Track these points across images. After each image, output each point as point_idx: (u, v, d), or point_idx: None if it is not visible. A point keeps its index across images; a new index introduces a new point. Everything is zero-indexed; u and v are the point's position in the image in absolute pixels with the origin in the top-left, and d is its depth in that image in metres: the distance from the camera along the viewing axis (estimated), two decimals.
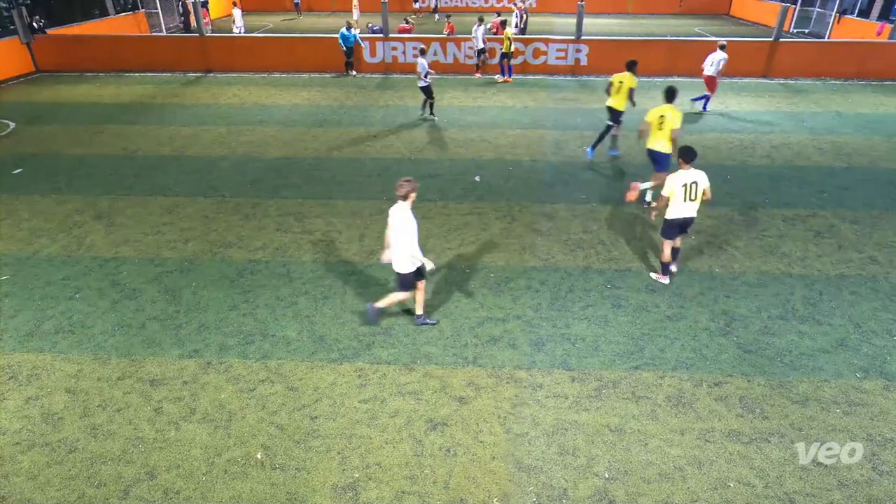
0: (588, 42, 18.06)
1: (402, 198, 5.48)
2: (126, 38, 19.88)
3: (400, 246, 5.58)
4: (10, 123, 13.36)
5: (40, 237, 8.19)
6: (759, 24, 29.46)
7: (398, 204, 5.54)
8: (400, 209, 5.51)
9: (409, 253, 5.59)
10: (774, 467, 4.59)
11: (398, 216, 5.50)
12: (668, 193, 6.53)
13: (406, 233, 5.48)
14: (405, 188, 5.45)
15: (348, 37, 17.31)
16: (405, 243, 5.54)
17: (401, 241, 5.54)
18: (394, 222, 5.55)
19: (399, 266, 5.71)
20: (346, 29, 17.29)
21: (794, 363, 5.73)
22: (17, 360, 5.77)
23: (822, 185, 9.95)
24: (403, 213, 5.47)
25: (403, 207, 5.49)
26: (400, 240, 5.54)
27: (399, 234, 5.52)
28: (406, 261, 5.65)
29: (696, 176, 6.47)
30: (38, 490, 4.40)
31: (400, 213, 5.49)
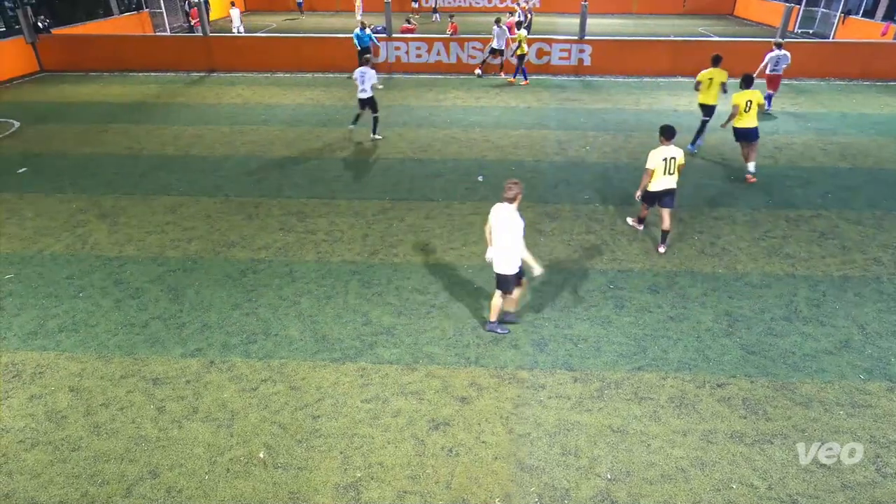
0: (591, 42, 18.03)
1: (510, 200, 5.46)
2: (130, 38, 19.96)
3: (505, 247, 5.55)
4: (14, 123, 13.42)
5: (44, 236, 8.23)
6: (763, 24, 29.37)
7: (504, 205, 5.50)
8: (506, 210, 5.48)
9: (517, 255, 5.59)
10: (777, 469, 4.58)
11: (504, 217, 5.47)
12: (653, 167, 7.24)
13: (515, 234, 5.48)
14: (514, 190, 5.44)
15: (363, 37, 17.29)
16: (512, 245, 5.52)
17: (507, 243, 5.52)
18: (499, 223, 5.52)
19: (502, 267, 5.66)
20: (360, 29, 17.28)
21: (797, 364, 5.71)
22: (21, 359, 5.80)
23: (826, 185, 9.91)
24: (511, 215, 5.45)
25: (510, 209, 5.47)
26: (506, 241, 5.51)
27: (506, 235, 5.49)
28: (511, 262, 5.61)
29: (675, 152, 7.25)
30: (41, 488, 4.42)
31: (506, 214, 5.47)
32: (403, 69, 18.48)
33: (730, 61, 17.88)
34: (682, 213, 8.86)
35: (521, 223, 5.47)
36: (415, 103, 15.04)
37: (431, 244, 7.98)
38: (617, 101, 15.25)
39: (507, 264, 5.61)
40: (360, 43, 17.42)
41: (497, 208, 5.57)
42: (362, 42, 17.42)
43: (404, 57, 18.39)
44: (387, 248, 7.89)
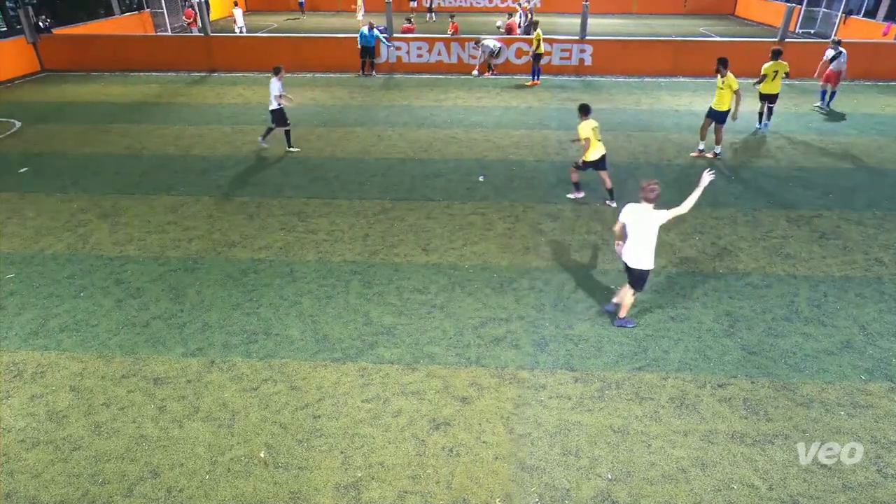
0: (592, 42, 18.03)
1: (652, 200, 5.58)
2: (131, 38, 19.97)
3: (647, 245, 5.69)
4: (15, 122, 13.44)
5: (45, 236, 8.24)
6: (764, 24, 29.36)
7: (643, 205, 5.63)
8: (646, 210, 5.62)
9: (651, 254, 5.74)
10: (778, 469, 4.58)
11: (645, 217, 5.61)
12: (588, 135, 8.48)
13: (655, 234, 5.65)
14: (657, 191, 5.57)
15: (368, 37, 17.28)
16: (652, 244, 5.69)
17: (649, 241, 5.67)
18: (639, 222, 5.64)
19: (642, 264, 5.76)
20: (368, 29, 17.26)
21: (798, 365, 5.71)
22: (21, 358, 5.80)
23: (827, 186, 9.90)
24: (653, 214, 5.59)
25: (649, 209, 5.61)
26: (648, 240, 5.66)
27: (648, 233, 5.64)
28: (650, 260, 5.76)
29: (595, 122, 8.63)
30: (42, 487, 4.43)
31: (646, 215, 5.61)
32: (404, 69, 18.48)
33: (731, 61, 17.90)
34: (683, 213, 8.84)
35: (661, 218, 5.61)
36: (416, 103, 15.04)
37: (432, 244, 7.98)
38: (618, 101, 15.25)
39: (647, 261, 5.76)
40: (364, 42, 17.42)
41: (634, 208, 5.71)
42: (367, 41, 17.41)
43: (405, 57, 18.39)
44: (387, 247, 7.89)
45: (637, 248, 5.74)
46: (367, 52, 17.59)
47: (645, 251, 5.72)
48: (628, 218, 5.77)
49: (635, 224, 5.71)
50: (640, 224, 5.66)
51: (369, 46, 17.49)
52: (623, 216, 5.83)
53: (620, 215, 5.86)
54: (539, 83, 16.93)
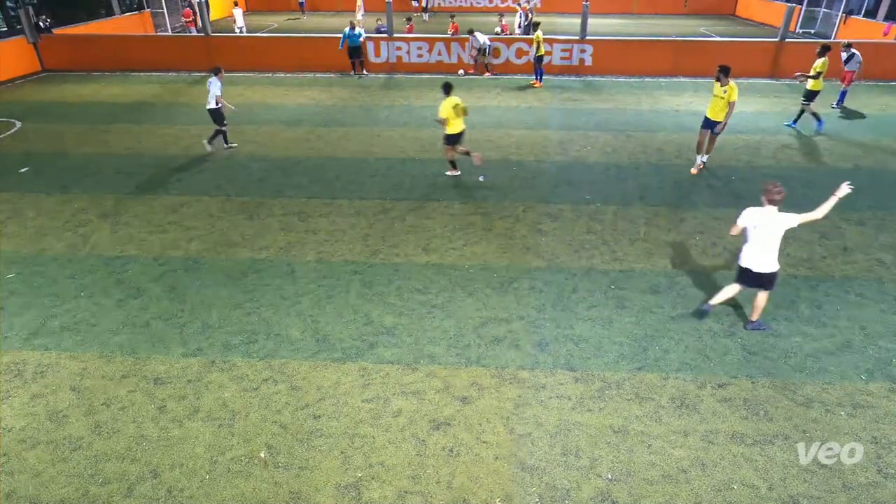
0: (592, 42, 18.03)
1: (777, 203, 5.61)
2: (132, 38, 19.97)
3: (774, 248, 5.71)
4: (16, 122, 13.44)
5: (46, 236, 8.24)
6: (765, 24, 29.35)
7: (768, 208, 5.65)
8: (771, 214, 5.64)
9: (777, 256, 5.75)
10: (778, 469, 4.57)
11: (771, 220, 5.62)
12: (448, 113, 9.31)
13: (780, 238, 5.69)
14: (783, 193, 5.61)
15: (352, 36, 17.30)
16: (777, 247, 5.72)
17: (774, 245, 5.70)
18: (766, 226, 5.64)
19: (770, 266, 5.78)
20: (350, 29, 17.29)
21: (798, 365, 5.70)
22: (22, 358, 5.80)
23: (828, 186, 9.85)
24: (777, 218, 5.62)
25: (774, 212, 5.64)
26: (774, 244, 5.69)
27: (774, 238, 5.66)
28: (776, 262, 5.78)
29: (457, 100, 9.41)
30: (42, 487, 4.43)
31: (772, 218, 5.63)
32: (405, 69, 18.48)
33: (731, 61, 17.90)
34: (683, 214, 8.86)
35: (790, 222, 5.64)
36: (416, 103, 15.04)
37: (432, 244, 7.98)
38: (618, 102, 15.24)
39: (774, 264, 5.78)
40: (350, 42, 17.40)
41: (757, 212, 5.70)
42: (352, 41, 17.40)
43: (405, 57, 18.39)
44: (388, 247, 7.89)
45: (763, 253, 5.72)
46: (355, 52, 17.58)
47: (771, 255, 5.73)
48: (751, 222, 5.72)
49: (761, 228, 5.66)
50: (767, 228, 5.64)
51: (355, 46, 17.50)
52: (744, 220, 5.78)
53: (740, 219, 5.82)
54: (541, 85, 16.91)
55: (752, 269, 5.83)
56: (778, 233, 5.65)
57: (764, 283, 5.91)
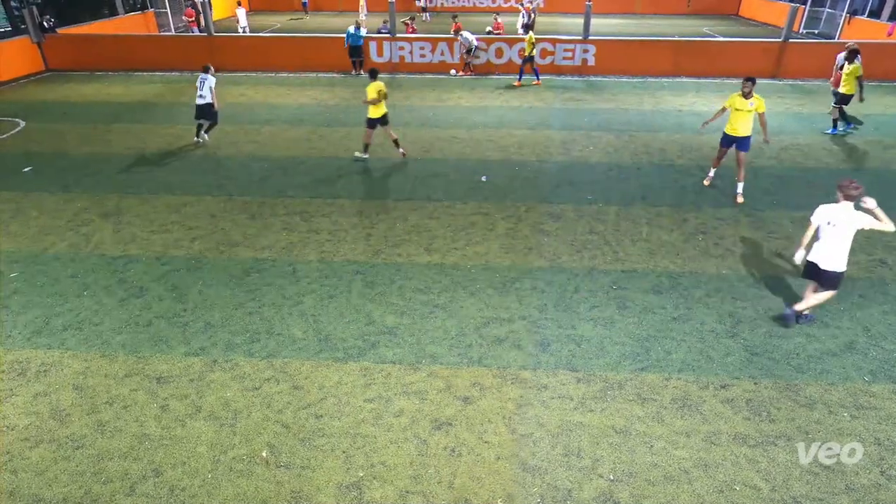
0: (595, 42, 18.02)
1: (854, 198, 5.58)
2: (135, 38, 20.02)
3: (843, 247, 5.69)
4: (20, 121, 13.48)
5: (49, 235, 8.26)
6: (769, 24, 29.29)
7: (843, 204, 5.64)
8: (846, 210, 5.62)
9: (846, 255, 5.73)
10: (781, 470, 4.56)
11: (846, 217, 5.60)
12: (374, 96, 10.22)
13: (852, 236, 5.66)
14: (861, 189, 5.59)
15: (356, 36, 17.30)
16: (848, 245, 5.69)
17: (845, 243, 5.67)
18: (839, 223, 5.62)
19: (839, 265, 5.75)
20: (356, 28, 17.28)
21: (801, 366, 5.69)
22: (25, 357, 5.82)
23: (830, 186, 9.78)
24: (854, 216, 5.59)
25: (850, 209, 5.62)
26: (845, 242, 5.67)
27: (846, 235, 5.64)
28: (845, 261, 5.75)
29: (382, 86, 10.31)
30: (45, 486, 4.44)
31: (847, 215, 5.60)
32: (407, 69, 18.48)
33: (734, 62, 17.88)
34: (686, 214, 8.85)
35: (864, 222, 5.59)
36: (418, 103, 15.04)
37: (434, 244, 7.98)
38: (620, 102, 15.23)
39: (842, 263, 5.75)
40: (352, 42, 17.36)
41: (831, 209, 5.69)
42: (354, 41, 17.36)
43: (408, 57, 18.40)
44: (390, 247, 7.90)
45: (833, 250, 5.71)
46: (356, 51, 17.55)
47: (841, 253, 5.70)
48: (825, 219, 5.71)
49: (834, 225, 5.65)
50: (840, 225, 5.62)
51: (357, 46, 17.47)
52: (818, 218, 5.77)
53: (814, 217, 5.81)
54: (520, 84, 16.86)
55: (819, 264, 5.82)
56: (850, 231, 5.62)
57: (825, 281, 5.89)
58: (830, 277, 5.84)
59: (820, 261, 5.82)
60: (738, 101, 8.86)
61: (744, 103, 8.84)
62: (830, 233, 5.72)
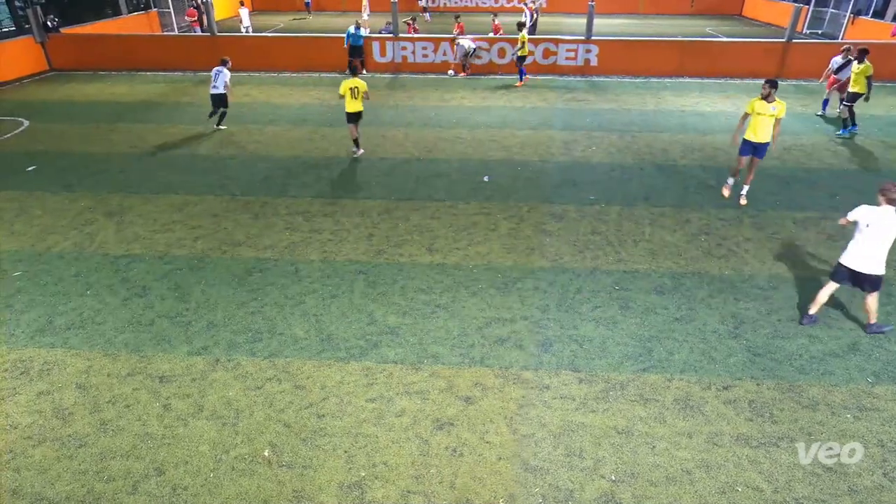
0: (598, 42, 18.00)
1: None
2: (138, 38, 20.07)
3: (884, 250, 5.66)
4: (23, 121, 13.52)
5: (52, 234, 8.28)
6: (772, 24, 29.22)
7: (885, 208, 5.57)
8: (889, 214, 5.56)
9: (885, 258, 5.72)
10: (783, 472, 4.55)
11: (890, 221, 5.55)
12: (344, 92, 10.57)
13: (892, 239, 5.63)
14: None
15: (356, 35, 17.28)
16: (888, 248, 5.66)
17: (886, 246, 5.64)
18: (882, 226, 5.58)
19: (876, 269, 5.73)
20: (356, 28, 17.27)
21: (804, 367, 5.68)
22: (29, 355, 5.84)
23: (834, 187, 9.85)
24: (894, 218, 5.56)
25: (892, 213, 5.56)
26: (886, 245, 5.64)
27: (888, 238, 5.61)
28: (884, 265, 5.75)
29: (359, 83, 10.60)
30: (48, 484, 4.45)
31: (891, 219, 5.55)
32: (409, 69, 18.48)
33: (737, 62, 17.85)
34: (688, 214, 8.83)
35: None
36: (420, 103, 15.05)
37: (437, 244, 7.98)
38: (623, 102, 15.21)
39: (881, 266, 5.75)
40: (352, 42, 17.30)
41: (873, 210, 5.63)
42: (355, 41, 17.31)
43: (410, 57, 18.40)
44: (392, 247, 7.90)
45: (871, 254, 5.68)
46: (356, 51, 17.49)
47: (881, 257, 5.68)
48: (864, 220, 5.65)
49: (876, 227, 5.59)
50: (880, 228, 5.58)
51: (357, 46, 17.43)
52: (856, 215, 5.71)
53: (852, 214, 5.78)
54: (527, 81, 16.88)
55: (856, 268, 5.77)
56: (891, 234, 5.57)
57: (864, 284, 5.86)
58: (871, 280, 5.81)
59: (856, 265, 5.77)
60: (760, 105, 8.48)
61: (766, 107, 8.43)
62: (868, 235, 5.65)
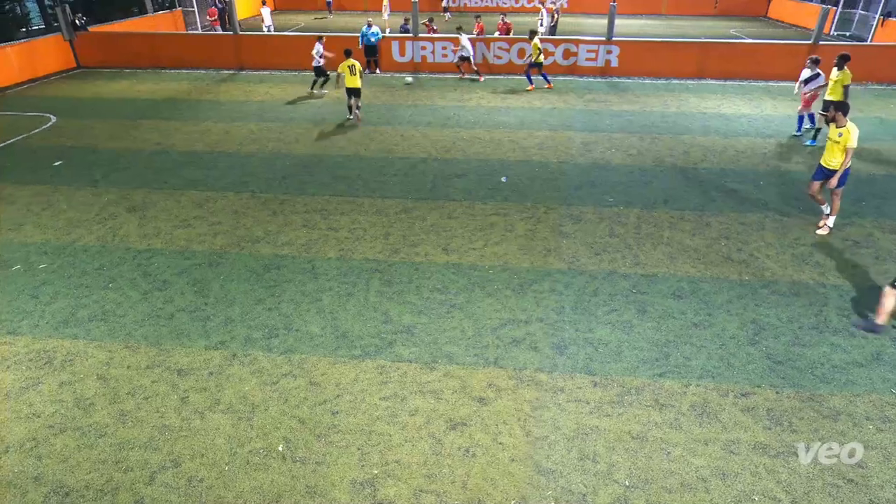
0: (619, 43, 17.83)
1: None
2: (162, 36, 20.43)
3: None
4: (51, 117, 13.84)
5: (77, 227, 8.47)
6: (798, 26, 28.66)
7: None
8: None
9: None
10: (802, 482, 4.46)
11: None
12: (343, 70, 12.69)
13: None
14: None
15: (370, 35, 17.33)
16: None
17: None
18: None
19: None
20: (367, 27, 17.32)
21: (825, 376, 5.56)
22: (52, 346, 5.97)
23: (860, 192, 9.62)
24: None
25: None
26: None
27: None
28: None
29: (353, 62, 12.68)
30: (68, 472, 4.55)
31: None
32: (429, 69, 18.51)
33: (762, 64, 17.54)
34: (709, 218, 8.71)
35: None
36: (440, 103, 15.06)
37: (453, 244, 7.98)
38: (644, 104, 15.05)
39: None
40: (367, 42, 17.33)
41: None
42: (369, 41, 17.34)
43: (430, 56, 18.43)
44: (408, 246, 7.92)
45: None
46: (371, 51, 17.52)
47: None
48: None
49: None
50: None
51: (371, 45, 17.47)
52: None
53: None
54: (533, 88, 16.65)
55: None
56: None
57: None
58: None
59: None
60: (830, 129, 7.96)
61: (833, 133, 7.87)
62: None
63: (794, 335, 6.13)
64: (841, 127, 7.73)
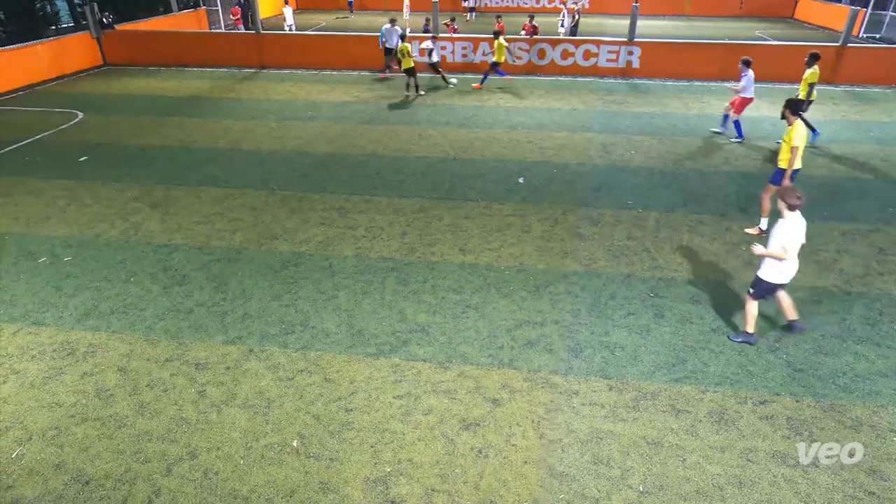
0: (641, 44, 17.64)
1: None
2: (187, 34, 20.73)
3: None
4: (78, 113, 14.14)
5: (101, 222, 8.64)
6: (826, 27, 28.07)
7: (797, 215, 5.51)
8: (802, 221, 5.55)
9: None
10: (822, 494, 4.37)
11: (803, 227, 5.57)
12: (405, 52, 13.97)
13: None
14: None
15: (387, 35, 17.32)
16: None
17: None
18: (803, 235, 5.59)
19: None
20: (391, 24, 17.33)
21: (848, 386, 5.44)
22: (75, 338, 6.11)
23: (887, 199, 9.39)
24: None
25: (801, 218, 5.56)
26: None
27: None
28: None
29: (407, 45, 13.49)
30: (89, 461, 4.65)
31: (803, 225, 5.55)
32: (448, 69, 18.50)
33: (788, 66, 17.21)
34: (728, 223, 8.58)
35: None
36: (458, 103, 15.06)
37: (469, 244, 7.98)
38: (665, 105, 14.88)
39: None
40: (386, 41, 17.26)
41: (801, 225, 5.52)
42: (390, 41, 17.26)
43: (450, 56, 18.43)
44: (424, 246, 7.94)
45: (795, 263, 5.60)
46: (391, 50, 17.48)
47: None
48: (799, 238, 5.52)
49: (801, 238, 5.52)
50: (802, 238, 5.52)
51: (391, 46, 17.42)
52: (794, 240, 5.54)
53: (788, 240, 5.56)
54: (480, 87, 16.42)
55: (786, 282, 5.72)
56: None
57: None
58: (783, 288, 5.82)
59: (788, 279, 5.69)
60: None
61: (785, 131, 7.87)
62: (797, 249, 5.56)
63: (815, 343, 6.00)
64: (790, 125, 7.75)
